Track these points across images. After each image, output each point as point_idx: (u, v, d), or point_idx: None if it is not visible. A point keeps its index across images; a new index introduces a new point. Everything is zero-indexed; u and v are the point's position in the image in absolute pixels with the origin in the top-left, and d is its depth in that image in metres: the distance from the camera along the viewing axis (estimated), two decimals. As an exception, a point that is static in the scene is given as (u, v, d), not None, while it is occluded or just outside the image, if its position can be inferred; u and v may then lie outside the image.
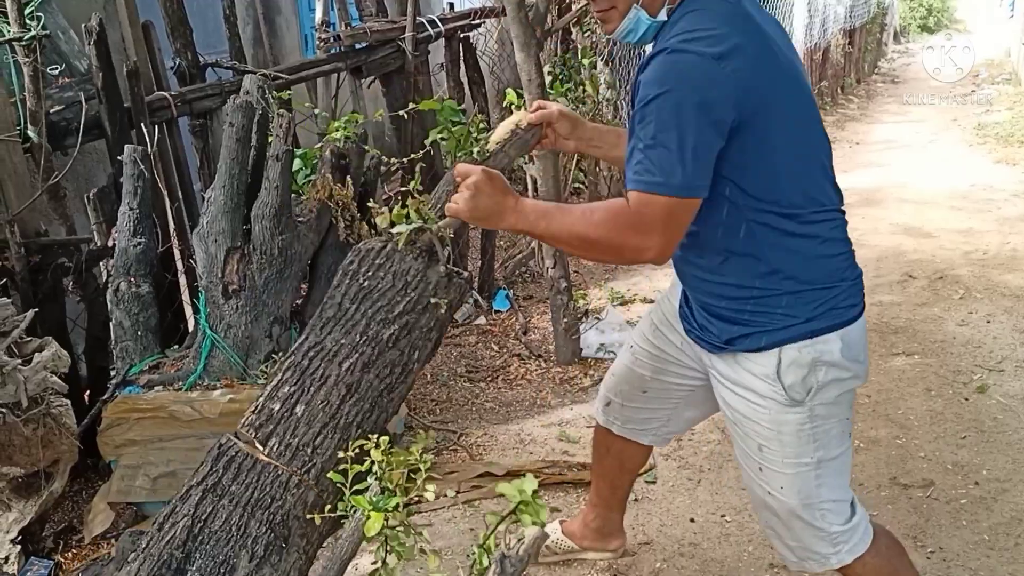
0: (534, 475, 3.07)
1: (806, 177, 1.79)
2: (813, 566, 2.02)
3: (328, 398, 1.73)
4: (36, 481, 2.66)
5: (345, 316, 1.83)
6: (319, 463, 1.68)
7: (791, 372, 1.81)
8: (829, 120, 9.77)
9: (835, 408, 1.86)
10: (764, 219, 1.77)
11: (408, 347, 1.84)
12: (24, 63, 2.90)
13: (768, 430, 1.89)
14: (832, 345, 1.80)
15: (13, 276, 2.88)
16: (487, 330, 4.44)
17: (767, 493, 1.97)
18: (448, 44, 4.55)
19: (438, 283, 1.89)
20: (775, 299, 1.81)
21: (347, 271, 1.88)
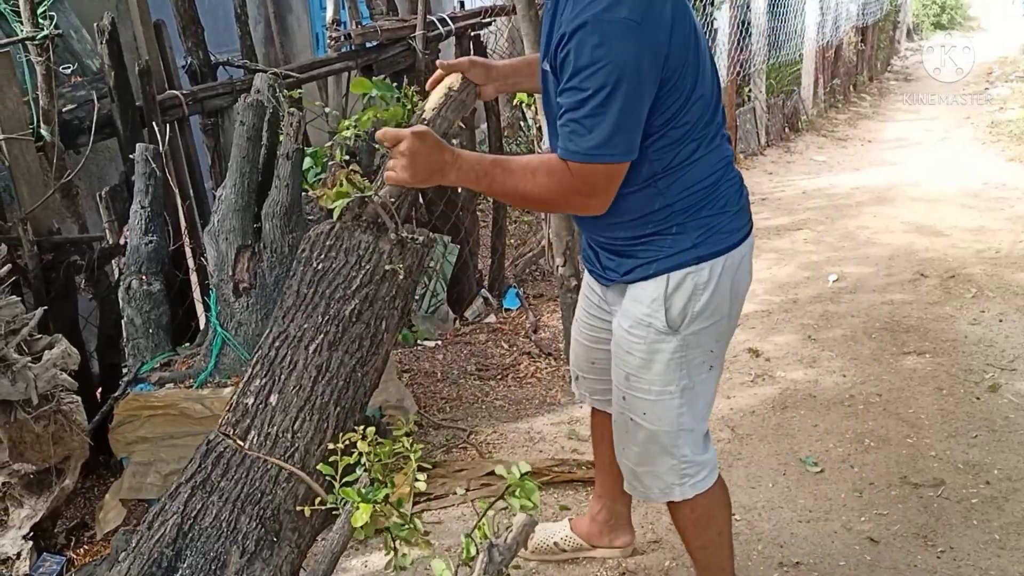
0: (543, 473, 3.10)
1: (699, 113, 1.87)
2: (656, 495, 2.14)
3: (300, 382, 1.73)
4: (48, 478, 2.67)
5: (304, 301, 1.83)
6: (301, 446, 1.68)
7: (675, 297, 1.93)
8: (841, 118, 9.74)
9: (704, 338, 1.97)
10: (660, 156, 1.86)
11: (373, 319, 1.83)
12: (37, 62, 2.92)
13: (640, 359, 2.00)
14: (714, 272, 1.92)
15: (26, 274, 2.90)
16: (497, 328, 4.44)
17: (629, 419, 2.08)
18: (458, 42, 4.55)
19: (391, 251, 1.88)
20: (666, 230, 1.93)
21: (300, 259, 1.89)
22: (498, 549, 1.41)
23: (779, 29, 8.77)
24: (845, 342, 4.13)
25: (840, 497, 2.97)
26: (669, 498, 2.14)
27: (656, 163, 1.87)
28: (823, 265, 5.19)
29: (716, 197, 1.94)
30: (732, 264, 1.95)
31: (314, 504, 1.60)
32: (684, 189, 1.90)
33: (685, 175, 1.89)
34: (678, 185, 1.90)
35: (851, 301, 4.61)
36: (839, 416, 3.48)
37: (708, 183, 1.92)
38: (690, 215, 1.92)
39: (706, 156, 1.91)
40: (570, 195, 1.81)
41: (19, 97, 2.91)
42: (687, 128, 1.86)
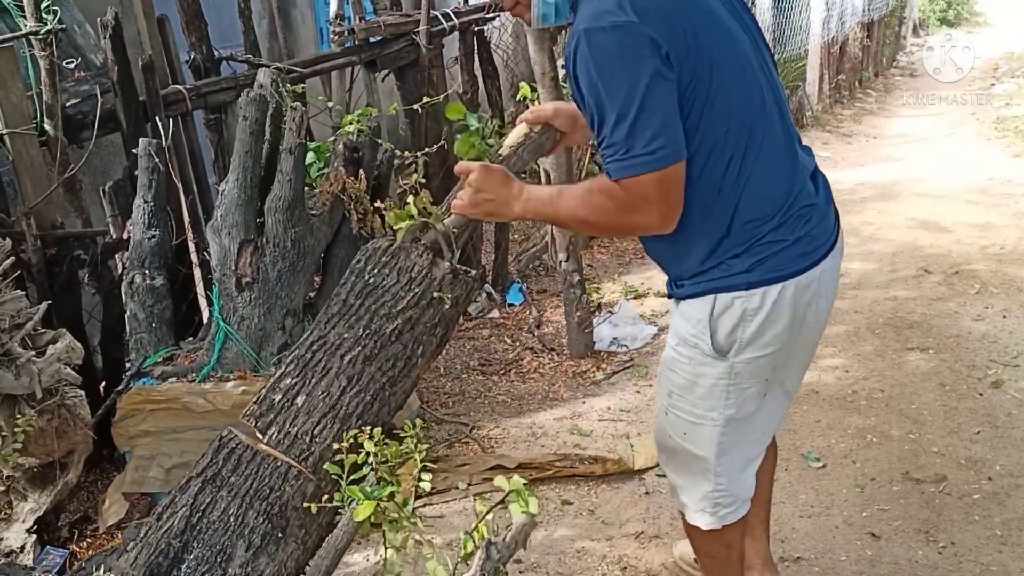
0: (545, 468, 3.10)
1: (731, 124, 1.74)
2: (690, 515, 2.07)
3: (329, 389, 1.76)
4: (51, 471, 2.69)
5: (349, 311, 1.87)
6: (317, 451, 1.70)
7: (723, 320, 1.81)
8: (846, 114, 9.70)
9: (758, 367, 1.85)
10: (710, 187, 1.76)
11: (412, 342, 1.87)
12: (40, 57, 2.92)
13: (684, 379, 1.91)
14: (767, 300, 1.78)
15: (30, 268, 2.91)
16: (500, 323, 4.44)
17: (668, 436, 2.01)
18: (462, 37, 4.55)
19: (443, 279, 1.92)
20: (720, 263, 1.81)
21: (354, 269, 1.93)
22: (496, 547, 1.41)
23: (784, 24, 8.74)
24: (848, 338, 4.12)
25: (842, 492, 2.97)
26: (696, 523, 2.06)
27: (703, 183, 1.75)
28: (827, 261, 5.18)
29: (779, 220, 1.79)
30: (794, 292, 1.79)
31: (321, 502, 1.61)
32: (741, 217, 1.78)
33: (742, 199, 1.77)
34: (733, 211, 1.77)
35: (855, 297, 4.60)
36: (841, 412, 3.47)
37: (770, 206, 1.78)
38: (746, 243, 1.79)
39: (764, 172, 1.77)
40: (626, 214, 1.71)
41: (23, 92, 2.92)
42: (731, 140, 1.74)
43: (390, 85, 4.48)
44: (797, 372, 2.03)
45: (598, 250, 5.38)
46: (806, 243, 1.81)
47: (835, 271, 1.91)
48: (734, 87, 1.73)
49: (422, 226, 1.98)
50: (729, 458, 1.96)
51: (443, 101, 4.24)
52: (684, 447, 1.98)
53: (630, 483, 3.06)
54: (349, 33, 4.04)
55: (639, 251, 5.38)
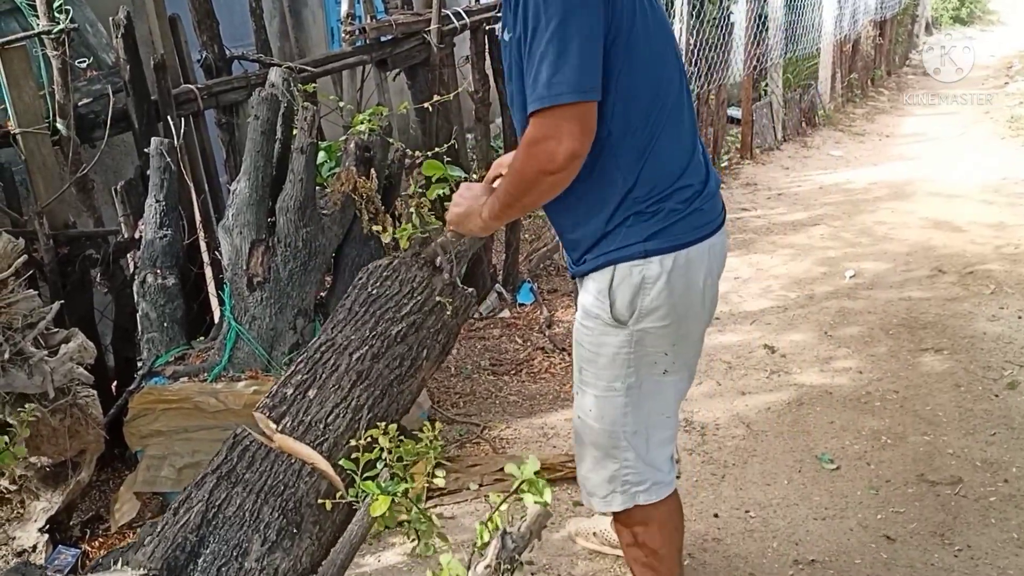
0: (557, 468, 3.09)
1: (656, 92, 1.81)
2: (598, 504, 2.06)
3: (339, 383, 1.82)
4: (63, 471, 2.69)
5: (355, 318, 1.95)
6: (331, 438, 1.73)
7: (621, 290, 1.85)
8: (858, 112, 9.66)
9: (657, 338, 1.89)
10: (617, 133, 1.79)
11: (416, 344, 1.94)
12: (53, 56, 2.93)
13: (589, 351, 1.94)
14: (664, 267, 1.84)
15: (42, 267, 2.91)
16: (511, 323, 4.43)
17: (577, 416, 2.03)
18: (473, 36, 4.53)
19: (443, 289, 2.02)
20: (621, 224, 1.85)
21: (356, 284, 2.03)
22: (511, 536, 1.41)
23: (796, 23, 8.70)
24: (862, 339, 4.10)
25: (856, 494, 2.94)
26: (610, 507, 2.06)
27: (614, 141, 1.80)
28: (840, 261, 5.15)
29: (675, 193, 1.86)
30: (687, 262, 1.86)
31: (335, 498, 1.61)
32: (644, 179, 1.83)
33: (647, 162, 1.82)
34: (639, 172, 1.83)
35: (868, 297, 4.58)
36: (855, 413, 3.45)
37: (669, 177, 1.85)
38: (647, 205, 1.84)
39: (669, 147, 1.85)
40: (537, 147, 1.68)
41: (35, 91, 2.92)
42: (644, 105, 1.79)
43: (400, 84, 4.47)
44: (695, 351, 2.04)
45: (609, 250, 5.36)
46: (698, 216, 1.88)
47: (723, 248, 1.98)
48: (651, 58, 1.79)
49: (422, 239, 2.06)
50: (635, 435, 1.98)
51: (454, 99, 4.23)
52: (591, 425, 2.00)
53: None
54: (360, 32, 4.03)
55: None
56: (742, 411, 3.49)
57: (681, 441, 3.28)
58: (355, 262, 3.12)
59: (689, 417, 3.45)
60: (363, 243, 3.13)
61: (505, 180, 1.82)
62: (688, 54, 6.49)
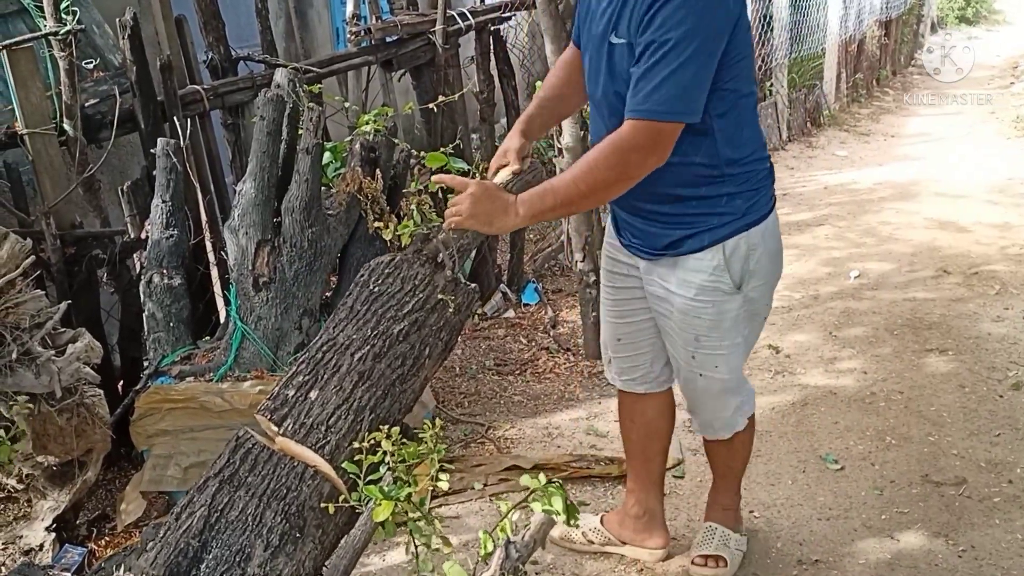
0: (561, 468, 3.10)
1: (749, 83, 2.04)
2: (725, 433, 2.44)
3: (341, 384, 1.81)
4: (70, 470, 2.70)
5: (356, 316, 1.94)
6: (333, 440, 1.72)
7: (734, 260, 2.11)
8: (863, 113, 9.65)
9: (761, 292, 2.21)
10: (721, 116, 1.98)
11: (419, 342, 1.94)
12: (60, 57, 2.94)
13: (710, 320, 2.18)
14: (761, 234, 2.12)
15: (49, 267, 2.93)
16: (516, 323, 4.43)
17: (699, 376, 2.30)
18: (478, 37, 4.54)
19: (445, 286, 2.02)
20: (716, 199, 2.07)
21: (358, 282, 2.02)
22: (515, 546, 1.41)
23: (801, 23, 8.70)
24: (866, 339, 4.10)
25: (860, 495, 2.95)
26: (734, 430, 2.43)
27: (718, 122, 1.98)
28: (844, 261, 5.15)
29: (759, 168, 2.12)
30: (771, 226, 2.16)
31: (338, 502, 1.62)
32: (738, 157, 2.05)
33: (739, 140, 2.04)
34: (738, 155, 2.05)
35: (873, 298, 4.57)
36: (860, 413, 3.45)
37: (756, 153, 2.10)
38: (738, 184, 2.07)
39: (753, 128, 2.10)
40: (632, 154, 1.87)
41: (42, 92, 2.94)
42: (739, 95, 2.00)
43: (405, 84, 4.48)
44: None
45: (614, 250, 5.36)
46: (771, 185, 2.20)
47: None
48: (748, 49, 1.99)
49: (424, 236, 2.06)
50: (741, 370, 2.34)
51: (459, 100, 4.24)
52: (720, 377, 2.28)
53: (647, 484, 3.04)
54: (366, 33, 4.04)
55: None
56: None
57: (685, 441, 3.28)
58: (360, 262, 3.12)
59: (693, 417, 3.46)
60: (368, 243, 3.14)
61: (584, 176, 1.91)
62: (693, 54, 6.47)
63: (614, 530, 2.69)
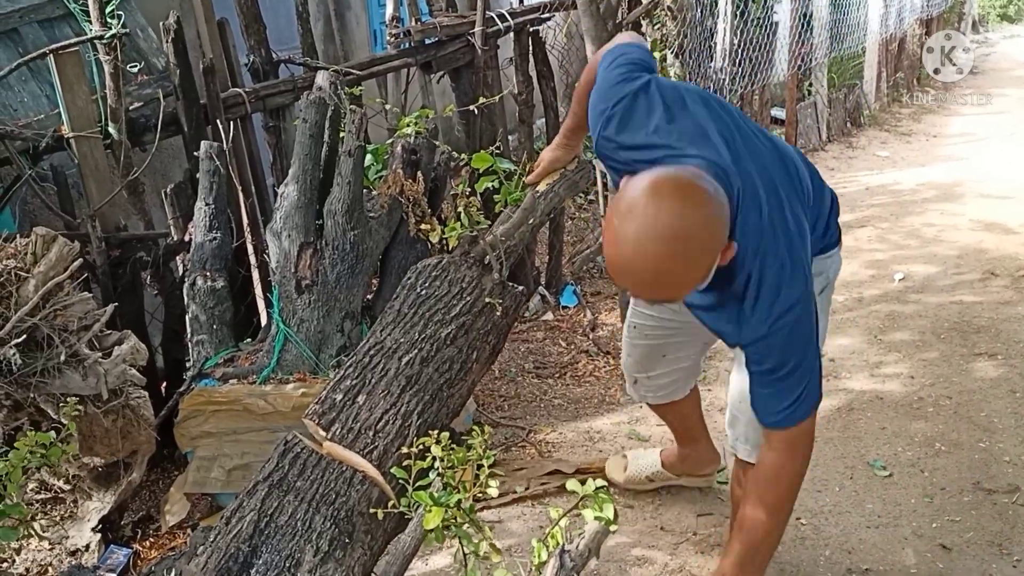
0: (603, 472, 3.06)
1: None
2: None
3: (389, 388, 1.80)
4: (115, 471, 2.72)
5: (403, 319, 1.93)
6: (381, 445, 1.71)
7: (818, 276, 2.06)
8: (904, 112, 9.49)
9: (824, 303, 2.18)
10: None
11: (466, 346, 1.92)
12: (105, 61, 2.96)
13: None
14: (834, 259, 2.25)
15: (94, 270, 2.95)
16: (555, 326, 4.41)
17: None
18: (517, 38, 4.52)
19: (493, 289, 2.01)
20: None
21: (405, 285, 2.02)
22: (570, 555, 1.38)
23: (841, 21, 8.58)
24: (913, 343, 4.02)
25: (910, 502, 2.88)
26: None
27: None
28: (888, 264, 5.06)
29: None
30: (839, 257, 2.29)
31: (387, 507, 1.60)
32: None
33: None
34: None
35: (918, 301, 4.49)
36: (908, 419, 3.38)
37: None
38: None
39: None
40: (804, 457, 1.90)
41: (88, 95, 2.96)
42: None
43: (444, 86, 4.47)
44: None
45: (652, 252, 5.31)
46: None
47: None
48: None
49: (471, 239, 2.04)
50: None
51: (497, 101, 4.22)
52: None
53: (690, 488, 3.00)
54: (405, 35, 4.04)
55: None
56: (791, 416, 3.43)
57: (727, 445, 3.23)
58: (401, 264, 3.12)
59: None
60: (410, 246, 3.13)
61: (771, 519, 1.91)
62: (731, 54, 6.43)
63: (672, 468, 2.88)
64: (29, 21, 3.12)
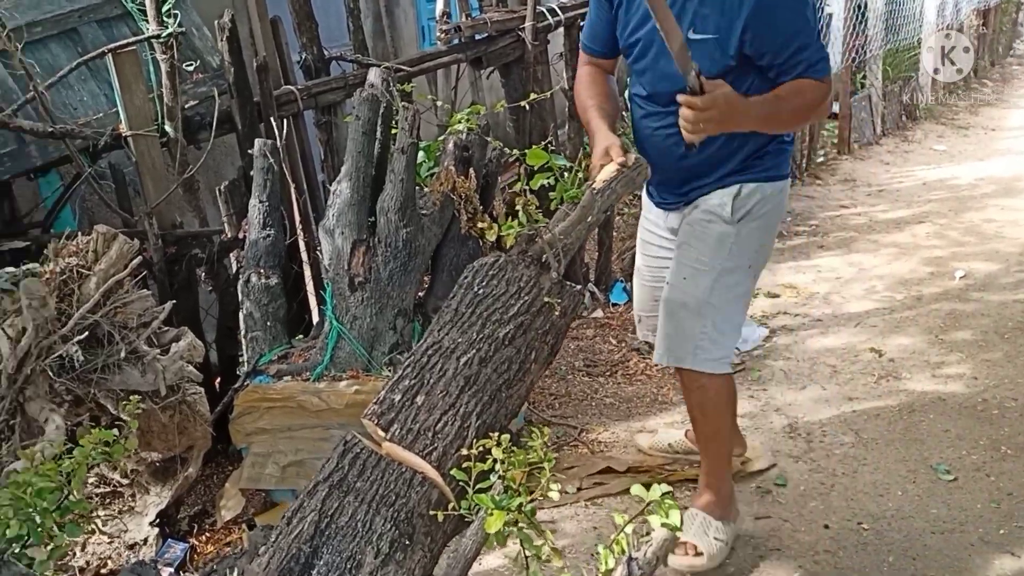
0: (656, 471, 3.02)
1: None
2: (672, 360, 2.54)
3: (447, 388, 1.77)
4: (172, 466, 2.74)
5: (461, 319, 1.90)
6: (440, 447, 1.69)
7: (741, 200, 2.42)
8: (961, 105, 9.27)
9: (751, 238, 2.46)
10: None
11: (524, 347, 1.89)
12: (161, 60, 2.98)
13: (699, 231, 2.46)
14: (778, 189, 2.48)
15: (151, 267, 2.98)
16: (605, 323, 4.37)
17: (683, 292, 2.46)
18: (567, 33, 4.48)
19: (551, 288, 1.97)
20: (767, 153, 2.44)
21: (462, 284, 1.98)
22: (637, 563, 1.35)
23: (896, 12, 8.40)
24: (975, 343, 3.91)
25: (976, 507, 2.80)
26: (681, 363, 2.51)
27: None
28: (948, 260, 4.94)
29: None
30: (784, 189, 2.52)
31: (447, 510, 1.58)
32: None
33: None
34: None
35: (980, 299, 4.37)
36: (972, 421, 3.29)
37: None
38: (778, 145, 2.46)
39: None
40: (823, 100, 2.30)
41: (145, 94, 2.99)
42: None
43: (493, 81, 4.45)
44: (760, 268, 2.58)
45: (704, 248, 5.24)
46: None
47: None
48: None
49: (529, 237, 2.01)
50: (714, 308, 2.45)
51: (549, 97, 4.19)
52: (679, 293, 2.47)
53: (747, 489, 2.95)
54: (456, 31, 4.02)
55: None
56: (850, 418, 3.36)
57: (786, 448, 3.18)
58: (453, 262, 3.10)
59: (794, 423, 3.34)
60: (461, 243, 3.11)
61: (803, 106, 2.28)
62: (784, 47, 6.31)
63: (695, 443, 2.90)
64: (88, 21, 3.16)
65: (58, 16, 3.10)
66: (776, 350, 3.96)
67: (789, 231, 5.54)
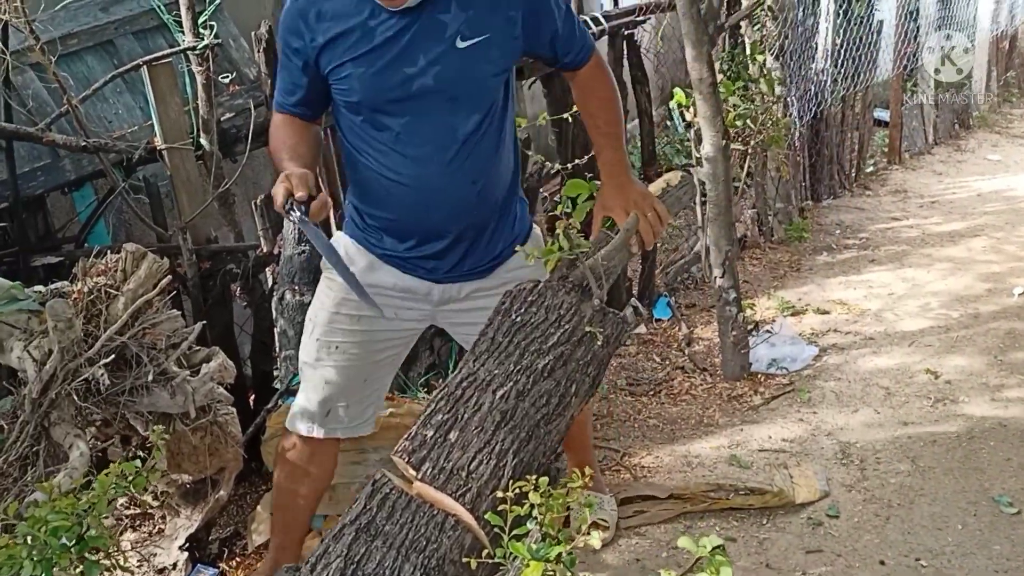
0: (699, 499, 2.90)
1: None
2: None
3: (482, 424, 1.67)
4: (203, 488, 2.68)
5: (498, 349, 1.80)
6: (474, 487, 1.59)
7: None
8: (1016, 113, 8.99)
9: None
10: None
11: (564, 379, 1.78)
12: (197, 72, 2.94)
13: None
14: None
15: (185, 282, 2.93)
16: (648, 340, 4.24)
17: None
18: (611, 42, 4.39)
19: (593, 316, 1.86)
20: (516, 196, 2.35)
21: (499, 310, 1.87)
22: (689, 627, 1.25)
23: (948, 18, 8.17)
24: (1038, 365, 3.74)
25: (1043, 545, 2.65)
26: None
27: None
28: (1005, 276, 4.74)
29: None
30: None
31: (481, 556, 1.49)
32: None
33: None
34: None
35: (1041, 318, 4.18)
36: (1036, 450, 3.13)
37: None
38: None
39: None
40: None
41: (181, 107, 2.94)
42: None
43: (536, 92, 4.36)
44: None
45: (750, 262, 5.11)
46: None
47: None
48: None
49: (569, 263, 1.92)
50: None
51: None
52: None
53: (797, 521, 2.82)
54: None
55: (794, 263, 5.09)
56: (905, 444, 3.21)
57: (839, 476, 3.04)
58: (492, 280, 3.02)
59: (846, 448, 3.20)
60: (501, 260, 3.02)
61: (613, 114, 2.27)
62: (834, 54, 6.16)
63: None
64: (124, 33, 3.13)
65: (94, 28, 3.08)
66: (827, 370, 3.81)
67: (839, 244, 5.38)
